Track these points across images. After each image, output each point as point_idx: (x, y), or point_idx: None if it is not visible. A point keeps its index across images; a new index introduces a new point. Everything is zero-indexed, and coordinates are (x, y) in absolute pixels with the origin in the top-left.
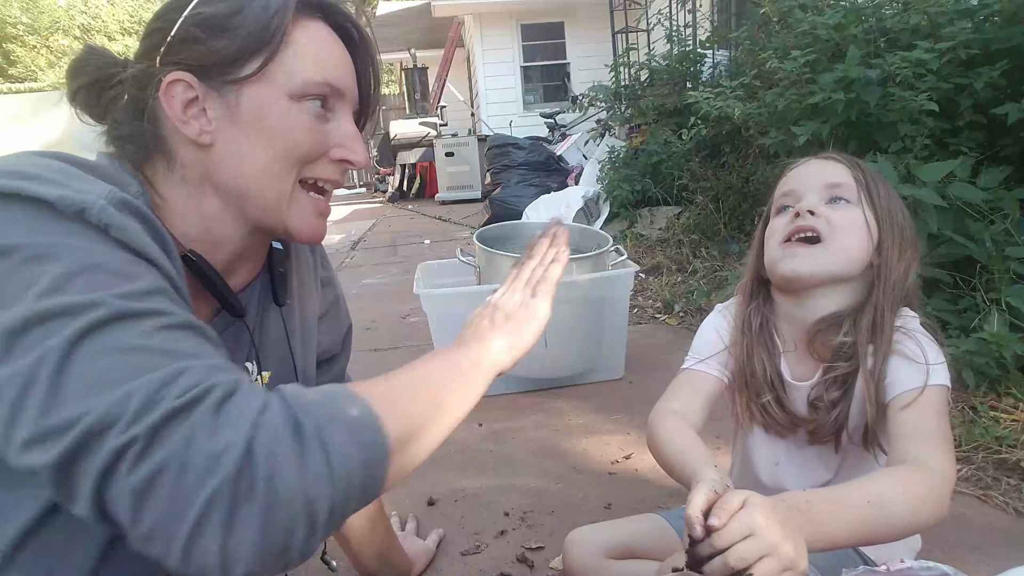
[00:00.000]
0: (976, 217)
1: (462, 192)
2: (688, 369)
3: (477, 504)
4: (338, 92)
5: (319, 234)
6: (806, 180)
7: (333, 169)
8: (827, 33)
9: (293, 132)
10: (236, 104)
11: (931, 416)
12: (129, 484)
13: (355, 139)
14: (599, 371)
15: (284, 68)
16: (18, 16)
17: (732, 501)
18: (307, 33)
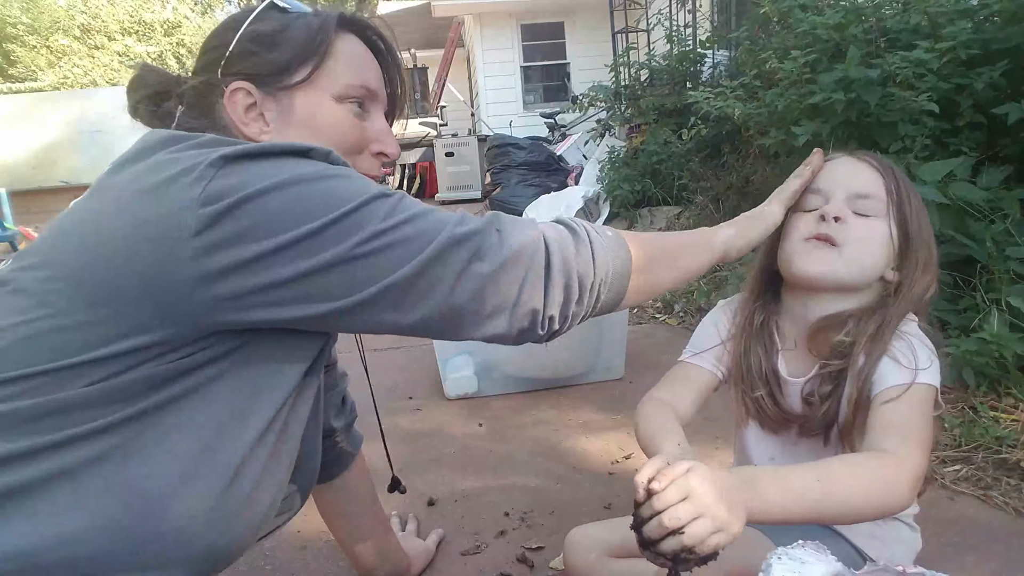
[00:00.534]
0: (976, 217)
1: (462, 192)
2: (681, 361)
3: (477, 504)
4: (372, 94)
5: None
6: (837, 182)
7: (372, 163)
8: (827, 33)
9: (340, 127)
10: (290, 107)
11: (908, 412)
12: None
13: (388, 134)
14: (599, 371)
15: (328, 75)
16: (18, 16)
17: (676, 468)
18: (345, 45)
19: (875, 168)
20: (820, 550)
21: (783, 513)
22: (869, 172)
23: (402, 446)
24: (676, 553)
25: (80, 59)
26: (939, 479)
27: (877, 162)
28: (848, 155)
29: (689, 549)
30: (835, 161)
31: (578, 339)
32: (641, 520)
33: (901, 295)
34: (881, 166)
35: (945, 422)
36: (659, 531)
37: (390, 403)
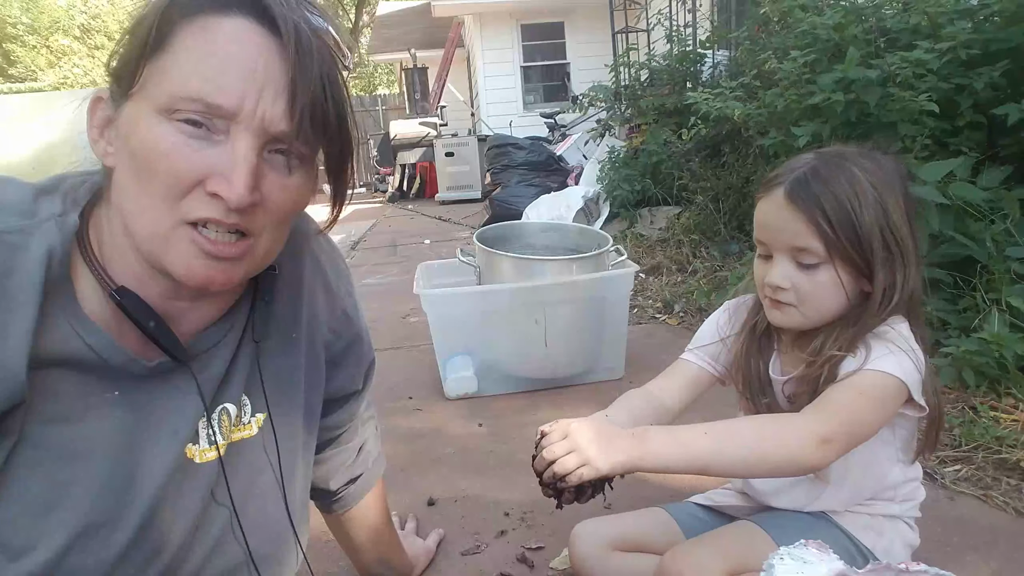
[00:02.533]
0: (977, 217)
1: (462, 192)
2: (680, 359)
3: (477, 504)
4: (222, 111)
5: (209, 280)
6: (775, 235)
7: (209, 204)
8: (827, 33)
9: (151, 155)
10: (118, 122)
11: (841, 389)
12: None
13: (235, 167)
14: (599, 371)
15: (158, 78)
16: (18, 16)
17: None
18: (198, 34)
19: (805, 219)
20: (823, 549)
21: (669, 460)
22: (801, 225)
23: (402, 446)
24: (553, 482)
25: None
26: (939, 479)
27: (806, 206)
28: (783, 195)
29: (560, 477)
30: (770, 201)
31: (578, 339)
32: (534, 457)
33: (873, 302)
34: (808, 208)
35: (945, 422)
36: (540, 464)
37: (390, 403)
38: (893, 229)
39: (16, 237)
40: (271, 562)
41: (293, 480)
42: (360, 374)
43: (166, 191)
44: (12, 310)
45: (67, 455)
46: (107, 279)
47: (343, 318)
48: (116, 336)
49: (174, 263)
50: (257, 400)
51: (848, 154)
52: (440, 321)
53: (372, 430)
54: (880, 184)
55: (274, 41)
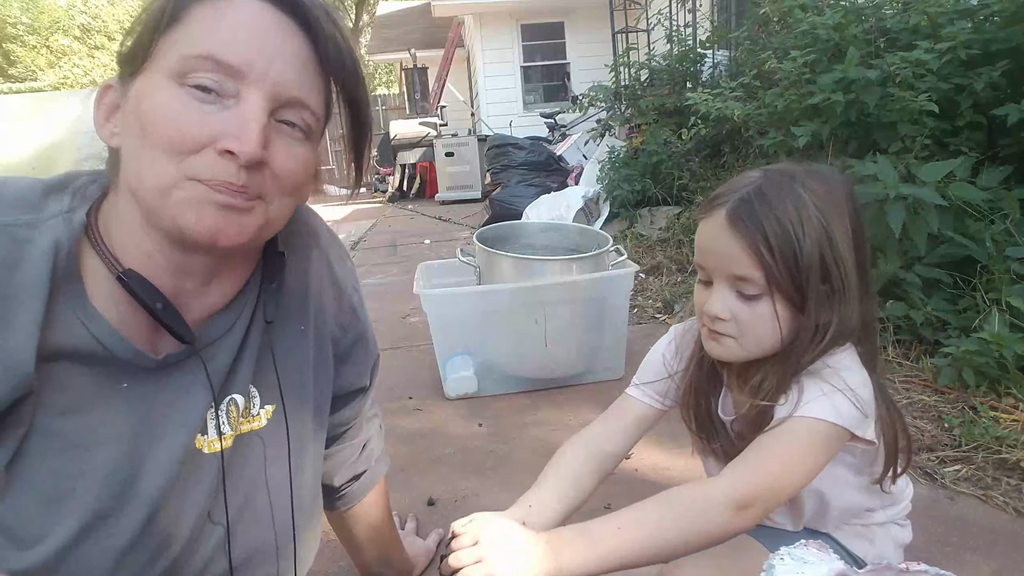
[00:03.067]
0: (976, 217)
1: (462, 192)
2: (625, 394)
3: (477, 504)
4: (232, 69)
5: (215, 228)
6: (715, 261)
7: (219, 164)
8: (827, 33)
9: (160, 113)
10: (127, 97)
11: (769, 443)
12: None
13: (245, 124)
14: (599, 371)
15: (169, 47)
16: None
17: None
18: (212, 8)
19: (747, 242)
20: (823, 549)
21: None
22: (742, 252)
23: (402, 446)
24: None
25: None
26: (939, 479)
27: (748, 231)
28: (725, 217)
29: None
30: (710, 223)
31: (578, 339)
32: (443, 557)
33: (803, 341)
34: (751, 236)
35: (945, 422)
36: (446, 569)
37: (390, 403)
38: (837, 260)
39: (22, 231)
40: (284, 553)
41: (303, 472)
42: (367, 370)
43: (173, 146)
44: (19, 302)
45: (76, 446)
46: (114, 262)
47: (350, 314)
48: (124, 328)
49: (183, 214)
50: (266, 392)
51: (796, 173)
52: (440, 321)
53: (376, 428)
54: (827, 209)
55: (289, 19)
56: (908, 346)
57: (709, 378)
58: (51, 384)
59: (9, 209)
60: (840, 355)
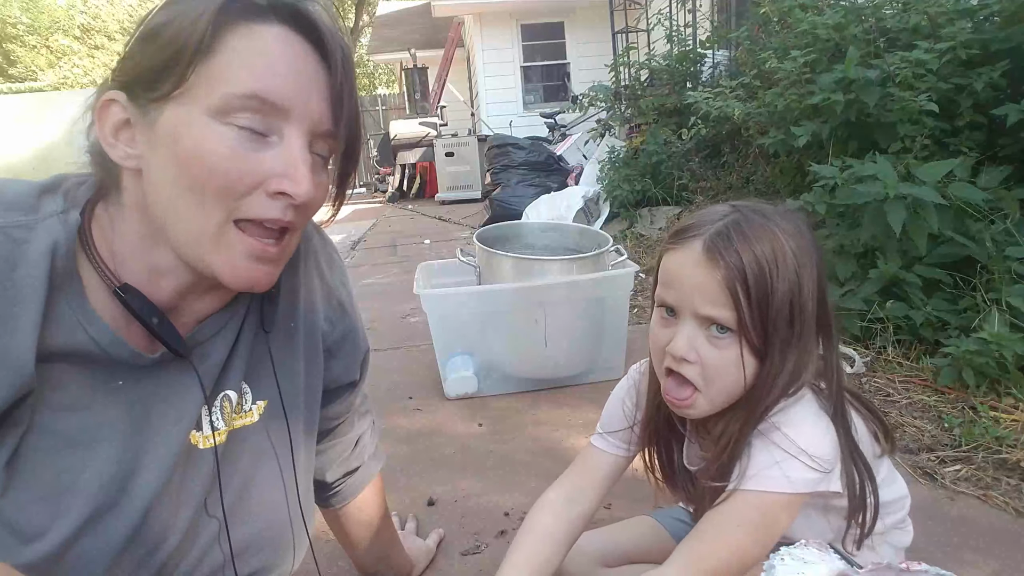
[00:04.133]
0: (976, 217)
1: (462, 192)
2: (591, 445)
3: (477, 504)
4: (277, 108)
5: (254, 281)
6: (686, 294)
7: (270, 205)
8: (827, 33)
9: (208, 158)
10: (155, 125)
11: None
12: None
13: (297, 165)
14: (599, 371)
15: (207, 81)
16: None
17: None
18: (245, 39)
19: (725, 277)
20: (823, 549)
21: None
22: (718, 288)
23: (402, 446)
24: None
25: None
26: (939, 479)
27: (726, 265)
28: (702, 250)
29: None
30: (681, 254)
31: (578, 339)
32: None
33: (758, 392)
34: (730, 272)
35: (945, 422)
36: None
37: (390, 403)
38: (802, 306)
39: (20, 232)
40: (275, 547)
41: (296, 467)
42: (356, 364)
43: (224, 193)
44: (19, 303)
45: (75, 443)
46: (111, 277)
47: (338, 308)
48: (120, 328)
49: (220, 265)
50: (257, 388)
51: (768, 212)
52: (440, 321)
53: (368, 424)
54: (800, 253)
55: (311, 48)
56: (908, 346)
57: (669, 425)
58: (50, 383)
59: (5, 211)
60: (795, 409)
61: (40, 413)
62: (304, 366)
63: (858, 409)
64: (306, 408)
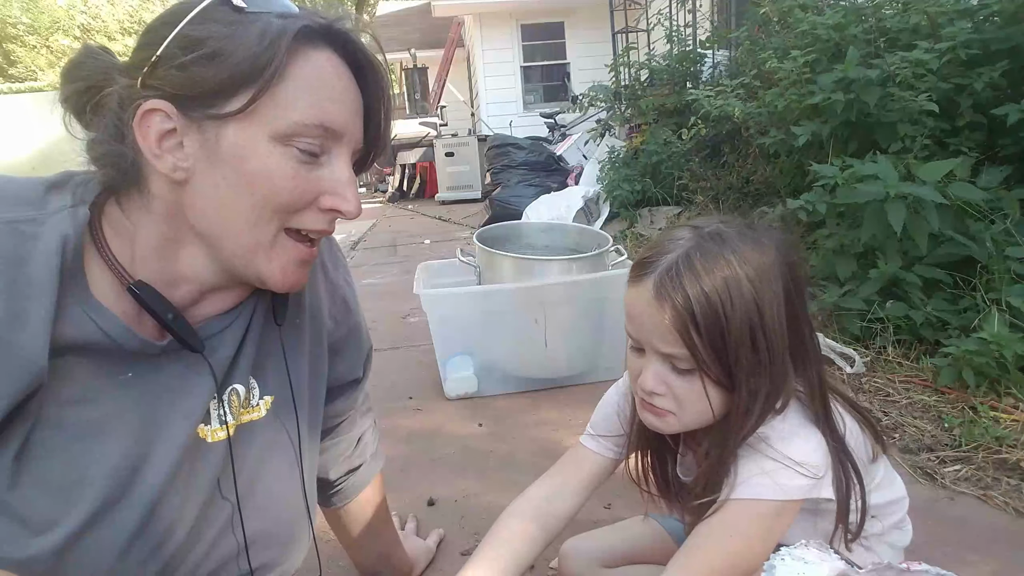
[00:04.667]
0: (976, 217)
1: (462, 192)
2: (580, 444)
3: (477, 504)
4: (334, 134)
5: (297, 283)
6: (644, 334)
7: (321, 219)
8: (827, 33)
9: (274, 179)
10: (216, 142)
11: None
12: None
13: (348, 186)
14: (599, 371)
15: (274, 106)
16: (18, 16)
17: None
18: (307, 66)
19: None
20: (823, 549)
21: None
22: (667, 328)
23: (402, 446)
24: None
25: None
26: (939, 479)
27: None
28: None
29: None
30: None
31: (578, 339)
32: None
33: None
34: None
35: (945, 422)
36: None
37: (390, 403)
38: (766, 330)
39: (30, 226)
40: (281, 543)
41: (301, 464)
42: (360, 362)
43: (283, 209)
44: (31, 297)
45: (83, 435)
46: (125, 274)
47: (342, 306)
48: (129, 320)
49: (272, 270)
50: (264, 383)
51: (727, 236)
52: (440, 321)
53: (370, 422)
54: (757, 277)
55: (350, 71)
56: (908, 346)
57: (660, 437)
58: (59, 376)
59: (13, 206)
60: (780, 423)
61: (48, 406)
62: (309, 363)
63: (849, 411)
64: (311, 405)
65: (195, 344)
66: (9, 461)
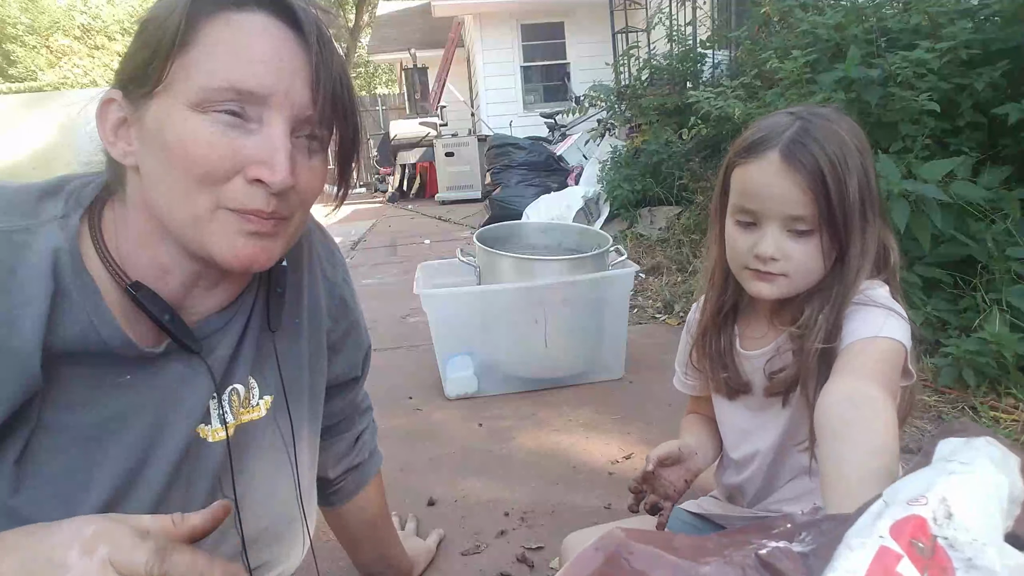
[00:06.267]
0: (977, 217)
1: (462, 192)
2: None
3: (477, 504)
4: (255, 96)
5: (252, 260)
6: (768, 202)
7: (252, 193)
8: (828, 33)
9: (189, 147)
10: (144, 120)
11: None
12: None
13: (275, 152)
14: (599, 371)
15: (185, 75)
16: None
17: None
18: (221, 29)
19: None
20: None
21: None
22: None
23: (402, 446)
24: None
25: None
26: None
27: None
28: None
29: None
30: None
31: (578, 339)
32: None
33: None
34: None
35: (945, 422)
36: None
37: (390, 403)
38: (872, 193)
39: (21, 236)
40: (281, 542)
41: (301, 463)
42: (359, 360)
43: (205, 177)
44: (22, 304)
45: (83, 439)
46: (121, 275)
47: (340, 305)
48: (130, 324)
49: (218, 244)
50: (264, 383)
51: (830, 115)
52: (440, 321)
53: (369, 421)
54: (861, 146)
55: (292, 33)
56: None
57: (726, 320)
58: (57, 381)
59: (4, 215)
60: (879, 288)
61: (47, 411)
62: (309, 363)
63: None
64: (310, 404)
65: (192, 345)
66: (10, 466)
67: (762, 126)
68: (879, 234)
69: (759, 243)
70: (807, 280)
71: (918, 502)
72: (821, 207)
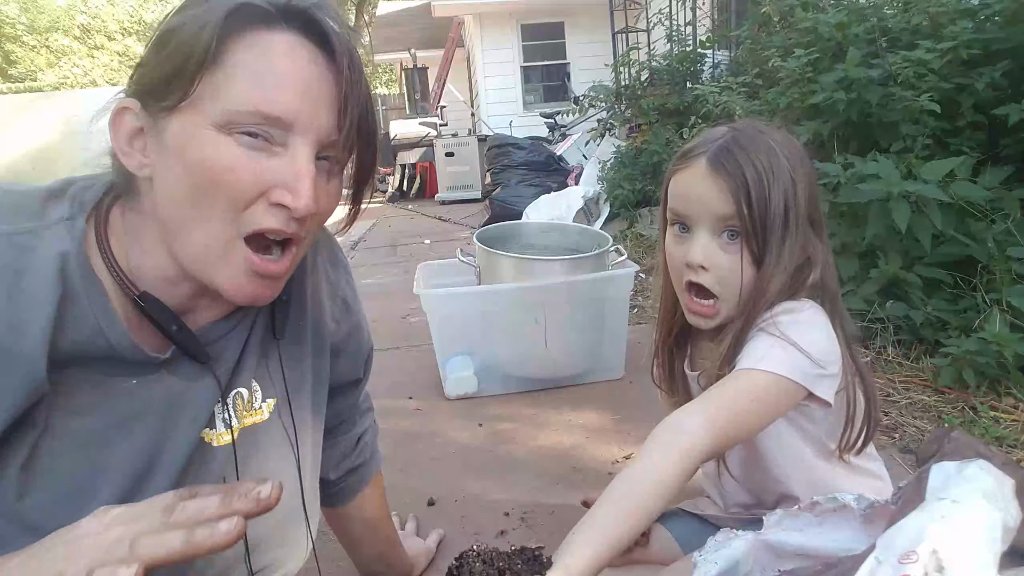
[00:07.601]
0: (978, 217)
1: (462, 192)
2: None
3: (477, 504)
4: (280, 123)
5: (253, 298)
6: (696, 205)
7: (272, 216)
8: (828, 32)
9: (213, 168)
10: (165, 134)
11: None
12: None
13: (300, 178)
14: (599, 371)
15: (212, 94)
16: (17, 16)
17: None
18: (253, 49)
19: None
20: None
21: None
22: (723, 196)
23: (402, 446)
24: None
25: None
26: None
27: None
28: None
29: None
30: (689, 171)
31: (578, 339)
32: None
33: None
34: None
35: (945, 422)
36: None
37: (390, 403)
38: (797, 206)
39: (26, 239)
40: (284, 545)
41: (304, 465)
42: (361, 362)
43: (228, 204)
44: (29, 307)
45: (90, 444)
46: (129, 284)
47: (343, 307)
48: (134, 329)
49: (224, 281)
50: (266, 386)
51: (764, 128)
52: (440, 321)
53: (370, 422)
54: (793, 158)
55: (322, 54)
56: (908, 346)
57: (679, 339)
58: (64, 385)
59: (10, 217)
60: (798, 311)
61: (54, 416)
62: (312, 365)
63: None
64: (314, 406)
65: (200, 355)
66: (16, 471)
67: (700, 137)
68: (807, 248)
69: (688, 251)
70: (734, 294)
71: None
72: (742, 213)
